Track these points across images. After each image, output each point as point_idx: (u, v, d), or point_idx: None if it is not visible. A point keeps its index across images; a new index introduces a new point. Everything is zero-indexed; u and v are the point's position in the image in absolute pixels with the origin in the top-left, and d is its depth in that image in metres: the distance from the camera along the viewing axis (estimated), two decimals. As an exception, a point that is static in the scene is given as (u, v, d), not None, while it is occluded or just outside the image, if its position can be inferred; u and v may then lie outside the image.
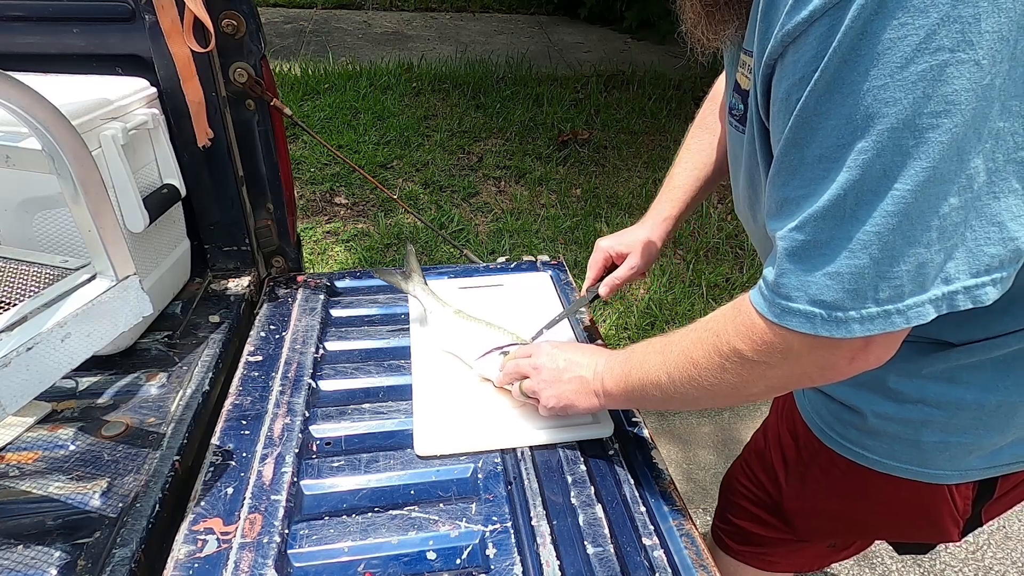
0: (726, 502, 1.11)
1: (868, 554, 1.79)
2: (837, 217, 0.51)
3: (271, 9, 5.93)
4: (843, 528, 0.94)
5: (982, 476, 0.76)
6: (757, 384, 0.66)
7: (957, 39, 0.42)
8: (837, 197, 0.50)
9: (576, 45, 5.67)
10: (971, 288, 0.51)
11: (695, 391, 0.72)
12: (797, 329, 0.57)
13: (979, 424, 0.70)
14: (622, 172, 3.57)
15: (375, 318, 1.25)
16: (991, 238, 0.49)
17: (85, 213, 0.74)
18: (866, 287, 0.52)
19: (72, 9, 1.11)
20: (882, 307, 0.52)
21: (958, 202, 0.47)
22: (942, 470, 0.75)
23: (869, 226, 0.50)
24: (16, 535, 0.78)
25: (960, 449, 0.73)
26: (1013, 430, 0.71)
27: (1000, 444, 0.73)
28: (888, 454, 0.77)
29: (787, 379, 0.64)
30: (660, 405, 0.81)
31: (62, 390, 1.01)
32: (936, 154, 0.45)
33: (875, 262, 0.50)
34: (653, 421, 2.21)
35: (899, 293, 0.51)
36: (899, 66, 0.44)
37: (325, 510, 0.85)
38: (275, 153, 1.29)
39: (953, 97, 0.44)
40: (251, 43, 1.17)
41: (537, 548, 0.79)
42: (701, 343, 0.70)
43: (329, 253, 2.75)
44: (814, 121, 0.50)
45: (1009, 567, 1.79)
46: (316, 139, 1.61)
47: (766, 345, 0.61)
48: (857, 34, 0.45)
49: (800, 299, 0.55)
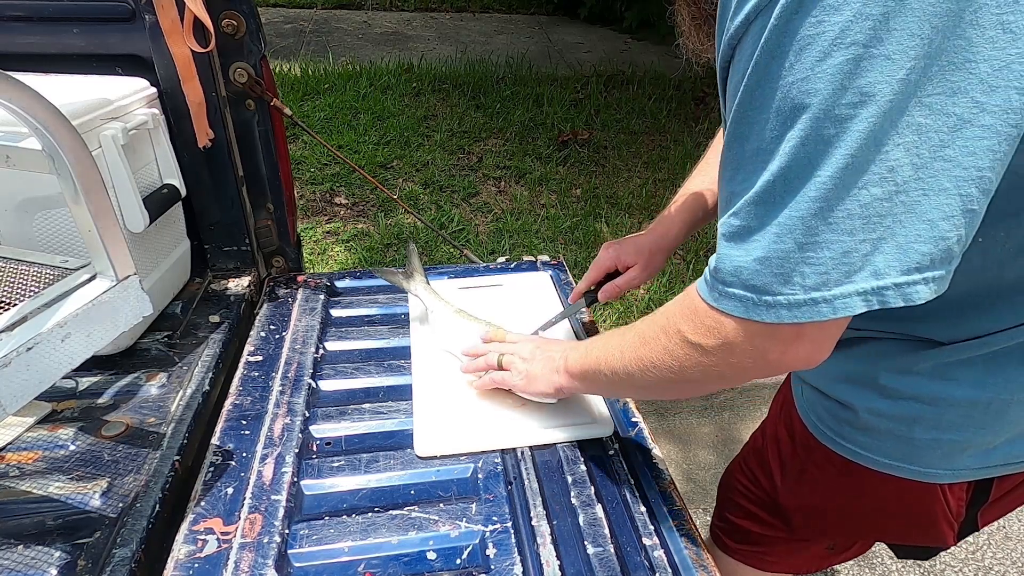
0: (724, 500, 1.11)
1: (868, 554, 1.79)
2: (767, 203, 0.53)
3: (271, 9, 5.92)
4: (838, 527, 0.94)
5: (976, 476, 0.76)
6: (694, 370, 0.67)
7: (869, 35, 0.45)
8: (767, 183, 0.53)
9: (576, 45, 5.67)
10: (902, 285, 0.51)
11: (641, 373, 0.74)
12: (731, 313, 0.59)
13: (970, 421, 0.70)
14: (622, 172, 3.57)
15: (375, 318, 1.25)
16: (921, 235, 0.49)
17: (85, 213, 0.74)
18: (792, 272, 0.53)
19: (72, 9, 1.11)
20: (808, 294, 0.53)
21: (881, 193, 0.49)
22: (935, 468, 0.75)
23: (794, 211, 0.52)
24: (16, 535, 0.78)
25: (952, 447, 0.73)
26: (1005, 429, 0.71)
27: (993, 443, 0.72)
28: (881, 451, 0.77)
29: (723, 367, 0.65)
30: (612, 388, 0.85)
31: (62, 390, 1.01)
32: (855, 142, 0.47)
33: (799, 246, 0.52)
34: (653, 421, 2.21)
35: (825, 281, 0.52)
36: (817, 59, 0.47)
37: (325, 510, 0.85)
38: (275, 153, 1.29)
39: (868, 88, 0.46)
40: (251, 43, 1.17)
41: (537, 548, 0.79)
42: (652, 324, 0.73)
43: (329, 253, 2.75)
44: (750, 116, 0.53)
45: (1009, 567, 1.79)
46: (316, 139, 1.61)
47: (705, 328, 0.63)
48: (780, 32, 0.48)
49: (735, 283, 0.57)
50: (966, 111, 0.45)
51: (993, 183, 0.48)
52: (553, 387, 0.92)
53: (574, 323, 1.24)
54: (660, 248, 1.10)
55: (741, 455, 1.07)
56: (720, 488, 1.13)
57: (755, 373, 0.64)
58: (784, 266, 0.53)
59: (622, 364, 0.77)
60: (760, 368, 0.62)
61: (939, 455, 0.74)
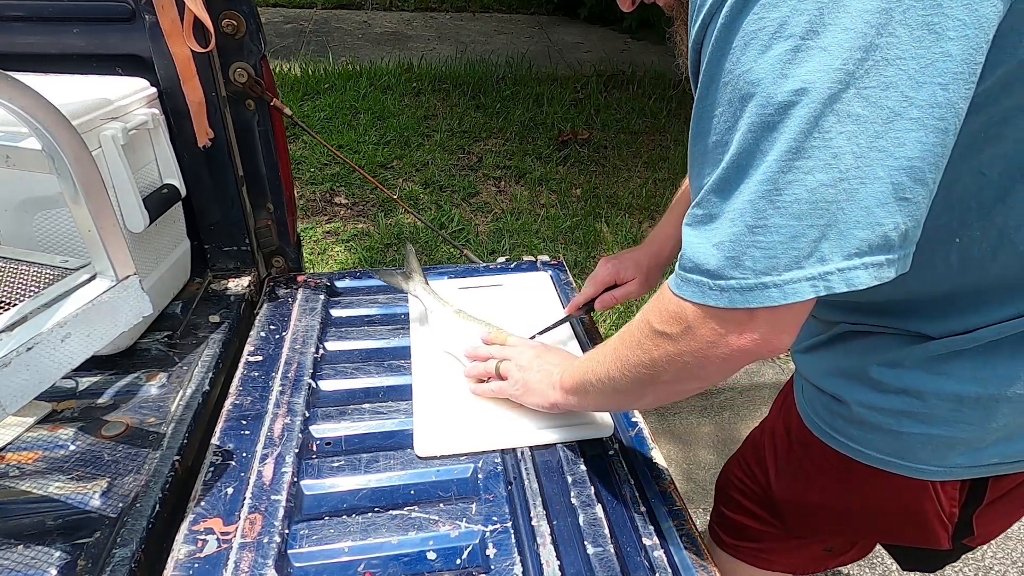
0: (721, 496, 1.11)
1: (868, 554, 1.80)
2: (723, 191, 0.56)
3: (271, 9, 5.92)
4: (831, 524, 0.93)
5: (969, 475, 0.75)
6: (663, 361, 0.68)
7: (805, 27, 0.48)
8: (723, 171, 0.56)
9: (576, 45, 5.67)
10: (844, 271, 0.52)
11: (620, 373, 0.75)
12: (690, 299, 0.61)
13: (959, 416, 0.70)
14: (622, 172, 3.56)
15: (375, 318, 1.25)
16: (860, 221, 0.51)
17: (85, 213, 0.74)
18: (743, 256, 0.55)
19: (72, 9, 1.11)
20: (759, 278, 0.55)
21: (826, 179, 0.50)
22: (925, 464, 0.75)
23: (744, 195, 0.54)
24: (16, 535, 0.78)
25: (942, 443, 0.72)
26: (995, 426, 0.70)
27: (984, 441, 0.72)
28: (873, 445, 0.77)
29: (688, 355, 0.65)
30: (600, 399, 0.85)
31: (62, 390, 1.01)
32: (798, 128, 0.50)
33: (750, 229, 0.54)
34: (653, 421, 2.21)
35: (774, 265, 0.54)
36: (760, 51, 0.50)
37: (325, 510, 0.85)
38: (275, 153, 1.29)
39: (808, 77, 0.48)
40: (251, 43, 1.17)
41: (537, 548, 0.79)
42: (629, 326, 0.75)
43: (329, 253, 2.75)
44: (708, 111, 0.57)
45: (1009, 567, 1.79)
46: (316, 139, 1.61)
47: (669, 315, 0.65)
48: (727, 30, 0.52)
49: (693, 270, 0.60)
50: (897, 104, 0.48)
51: (927, 174, 0.50)
52: (548, 402, 0.92)
53: (576, 325, 1.24)
54: (657, 264, 1.15)
55: (739, 451, 1.08)
56: (718, 484, 1.13)
57: (719, 363, 0.64)
58: (735, 249, 0.55)
59: (604, 369, 0.79)
60: (723, 355, 0.62)
61: (929, 451, 0.74)
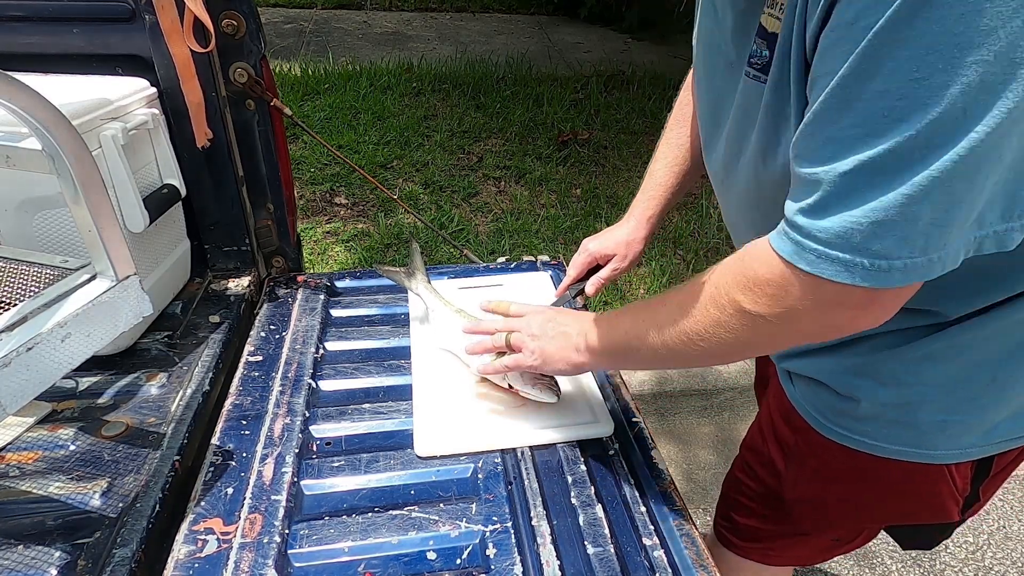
0: (726, 499, 1.11)
1: (868, 554, 1.79)
2: (905, 159, 0.46)
3: (271, 9, 5.92)
4: (845, 516, 0.93)
5: (981, 454, 0.76)
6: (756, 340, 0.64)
7: None
8: (908, 138, 0.46)
9: (576, 45, 5.67)
10: (1000, 232, 0.49)
11: (685, 347, 0.70)
12: (833, 279, 0.53)
13: (973, 401, 0.71)
14: (622, 172, 3.56)
15: (375, 318, 1.25)
16: None
17: (85, 213, 0.74)
18: (917, 235, 0.48)
19: (72, 9, 1.11)
20: (927, 256, 0.49)
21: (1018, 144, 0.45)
22: (941, 450, 0.75)
23: (935, 171, 0.45)
24: (16, 535, 0.78)
25: (958, 427, 0.73)
26: (1006, 405, 0.72)
27: (995, 420, 0.73)
28: (886, 438, 0.77)
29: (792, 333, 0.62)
30: (648, 363, 0.80)
31: (62, 390, 1.01)
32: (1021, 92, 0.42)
33: (934, 208, 0.47)
34: (653, 421, 2.21)
35: (945, 241, 0.48)
36: None
37: (325, 510, 0.85)
38: (275, 153, 1.29)
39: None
40: (251, 43, 1.17)
41: (537, 548, 0.79)
42: (695, 294, 0.67)
43: (329, 253, 2.75)
44: (886, 50, 0.45)
45: (1009, 567, 1.79)
46: (316, 139, 1.61)
47: (769, 297, 0.58)
48: None
49: (842, 247, 0.51)
50: None
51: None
52: (572, 365, 0.87)
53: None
54: (637, 238, 1.16)
55: (740, 456, 1.08)
56: (723, 487, 1.13)
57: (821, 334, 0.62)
58: (911, 229, 0.48)
59: (662, 340, 0.72)
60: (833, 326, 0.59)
61: (945, 436, 0.74)
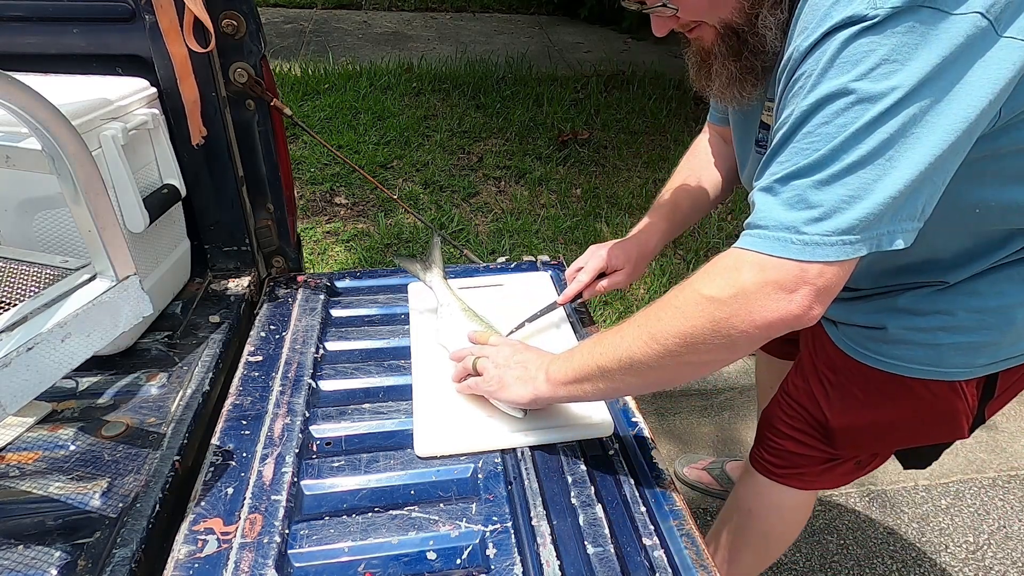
0: (766, 428, 1.18)
1: (868, 554, 1.79)
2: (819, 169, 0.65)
3: (271, 9, 5.92)
4: (876, 438, 1.07)
5: (987, 372, 0.92)
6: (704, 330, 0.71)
7: None
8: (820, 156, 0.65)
9: (576, 45, 5.67)
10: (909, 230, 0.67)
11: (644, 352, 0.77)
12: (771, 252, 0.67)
13: (983, 324, 0.87)
14: (622, 172, 3.56)
15: (375, 318, 1.26)
16: None
17: (85, 213, 0.74)
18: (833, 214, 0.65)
19: (72, 9, 1.11)
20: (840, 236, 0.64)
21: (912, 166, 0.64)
22: (957, 368, 0.91)
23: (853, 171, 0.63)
24: (16, 535, 0.78)
25: (970, 347, 0.89)
26: (1012, 329, 0.87)
27: (1001, 342, 0.88)
28: (913, 360, 0.92)
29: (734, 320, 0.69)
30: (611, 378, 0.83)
31: (62, 390, 1.01)
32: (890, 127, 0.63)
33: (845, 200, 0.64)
34: (653, 421, 2.21)
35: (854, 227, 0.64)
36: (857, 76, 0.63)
37: (325, 510, 0.85)
38: (275, 153, 1.29)
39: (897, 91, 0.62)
40: (251, 43, 1.17)
41: (537, 548, 0.79)
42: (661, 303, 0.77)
43: (329, 253, 2.75)
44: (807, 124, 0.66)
45: (1009, 567, 1.79)
46: (316, 139, 1.61)
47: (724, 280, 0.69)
48: None
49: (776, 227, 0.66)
50: None
51: None
52: (526, 398, 0.92)
53: (575, 321, 1.24)
54: (644, 255, 1.19)
55: (779, 393, 1.16)
56: (760, 422, 1.22)
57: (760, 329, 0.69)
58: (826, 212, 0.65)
59: (622, 352, 0.79)
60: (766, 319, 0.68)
61: (960, 356, 0.90)
